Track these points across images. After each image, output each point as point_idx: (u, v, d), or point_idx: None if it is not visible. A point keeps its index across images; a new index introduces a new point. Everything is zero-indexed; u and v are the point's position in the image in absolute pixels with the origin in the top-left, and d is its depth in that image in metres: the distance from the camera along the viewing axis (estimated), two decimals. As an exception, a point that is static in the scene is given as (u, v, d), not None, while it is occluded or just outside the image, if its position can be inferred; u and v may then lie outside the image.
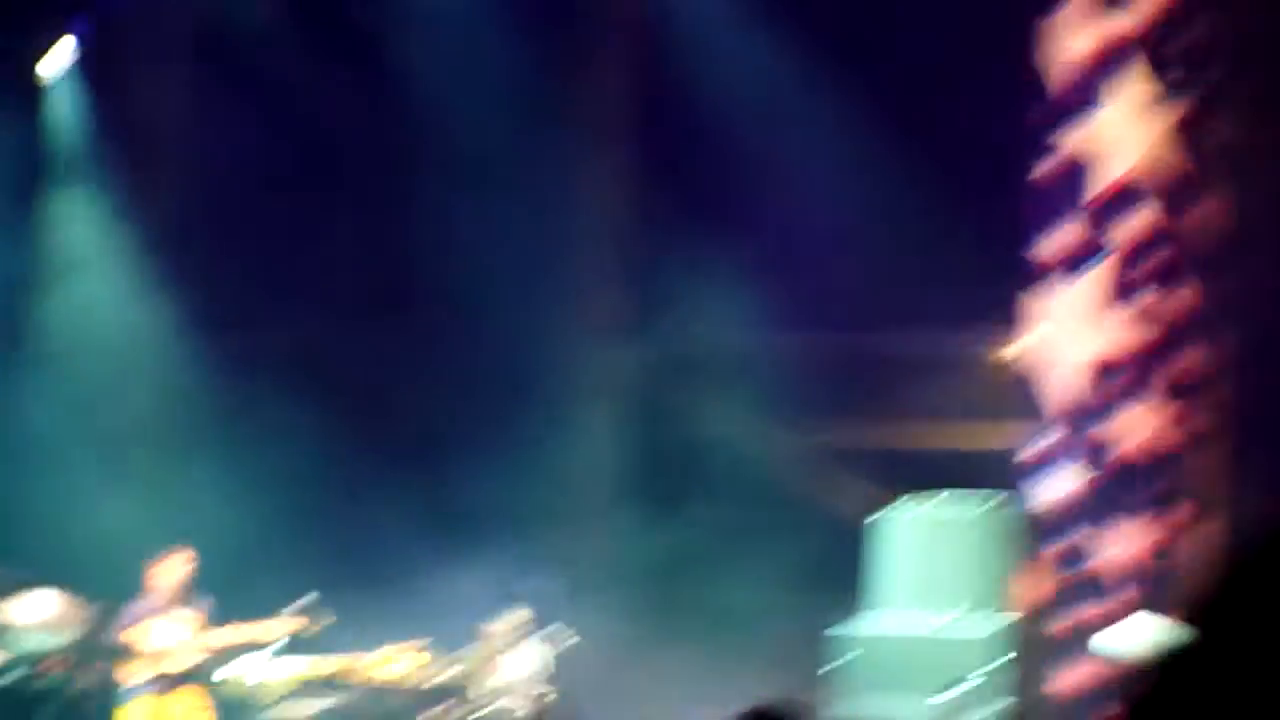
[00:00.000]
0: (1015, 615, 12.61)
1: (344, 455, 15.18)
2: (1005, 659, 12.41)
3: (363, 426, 15.74)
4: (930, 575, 12.71)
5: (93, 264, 16.79)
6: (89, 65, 16.88)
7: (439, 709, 13.07)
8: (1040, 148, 13.32)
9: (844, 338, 15.27)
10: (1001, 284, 13.49)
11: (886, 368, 15.21)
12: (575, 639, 13.67)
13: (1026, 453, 13.06)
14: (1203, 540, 12.33)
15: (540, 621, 13.74)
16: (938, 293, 14.39)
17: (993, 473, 13.33)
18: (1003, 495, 13.03)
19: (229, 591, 13.05)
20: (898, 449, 15.47)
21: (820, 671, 12.53)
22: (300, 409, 14.93)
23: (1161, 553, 12.49)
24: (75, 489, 15.10)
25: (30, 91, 16.65)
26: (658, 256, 15.81)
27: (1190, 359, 12.29)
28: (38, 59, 16.73)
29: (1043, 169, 13.23)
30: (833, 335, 15.53)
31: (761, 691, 6.77)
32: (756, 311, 15.26)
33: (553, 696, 13.63)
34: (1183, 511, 12.31)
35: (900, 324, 14.95)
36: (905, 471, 14.32)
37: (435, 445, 15.51)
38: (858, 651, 12.69)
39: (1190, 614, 2.58)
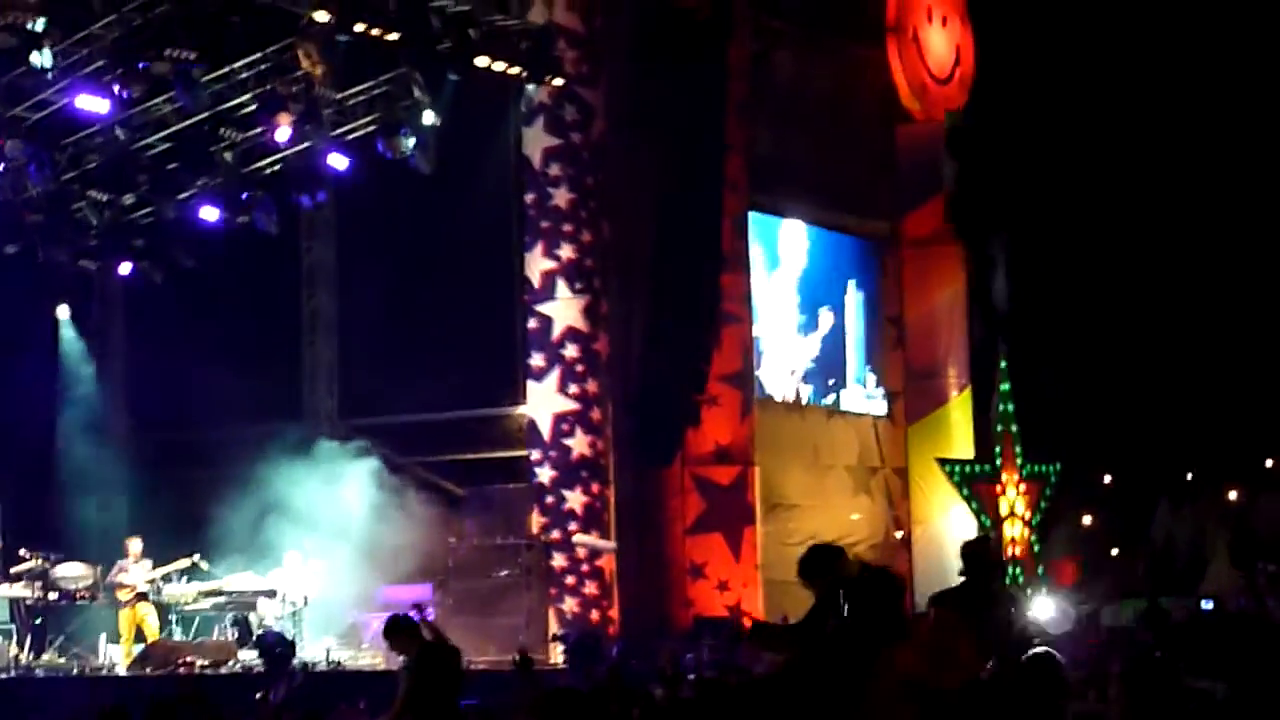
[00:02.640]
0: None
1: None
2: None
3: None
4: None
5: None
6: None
7: (265, 600, 26.59)
8: (531, 311, 27.52)
9: (426, 416, 28.80)
10: (515, 381, 28.17)
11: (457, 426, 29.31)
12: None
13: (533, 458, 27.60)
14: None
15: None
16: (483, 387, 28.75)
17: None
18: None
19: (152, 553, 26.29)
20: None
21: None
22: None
23: (595, 499, 27.43)
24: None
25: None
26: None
27: (592, 419, 27.12)
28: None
29: (533, 321, 27.40)
30: (417, 415, 28.97)
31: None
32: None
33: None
34: (593, 488, 27.20)
35: (469, 403, 28.54)
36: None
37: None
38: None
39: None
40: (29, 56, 22.26)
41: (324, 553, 26.56)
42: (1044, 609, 25.34)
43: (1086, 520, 32.34)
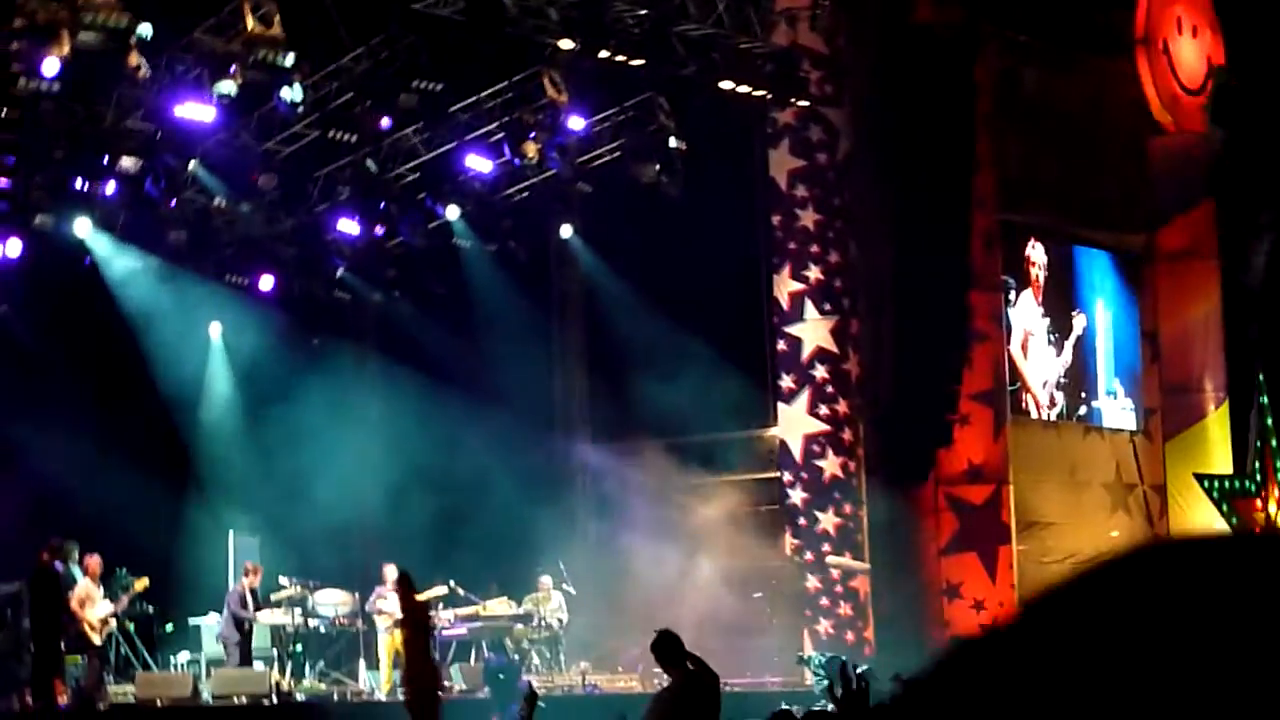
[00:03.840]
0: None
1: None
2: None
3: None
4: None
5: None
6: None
7: (520, 625, 27.08)
8: (780, 333, 27.86)
9: (699, 436, 28.99)
10: (765, 403, 28.17)
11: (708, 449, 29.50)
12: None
13: (785, 480, 27.71)
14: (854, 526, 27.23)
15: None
16: (733, 410, 28.65)
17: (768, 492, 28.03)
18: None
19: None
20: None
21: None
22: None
23: (848, 520, 27.30)
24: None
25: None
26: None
27: (843, 440, 27.15)
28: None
29: (782, 343, 27.72)
30: (667, 439, 28.84)
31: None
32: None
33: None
34: (845, 509, 27.18)
35: (719, 427, 28.58)
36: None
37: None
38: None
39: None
40: (279, 92, 22.80)
41: (578, 577, 26.92)
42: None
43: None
